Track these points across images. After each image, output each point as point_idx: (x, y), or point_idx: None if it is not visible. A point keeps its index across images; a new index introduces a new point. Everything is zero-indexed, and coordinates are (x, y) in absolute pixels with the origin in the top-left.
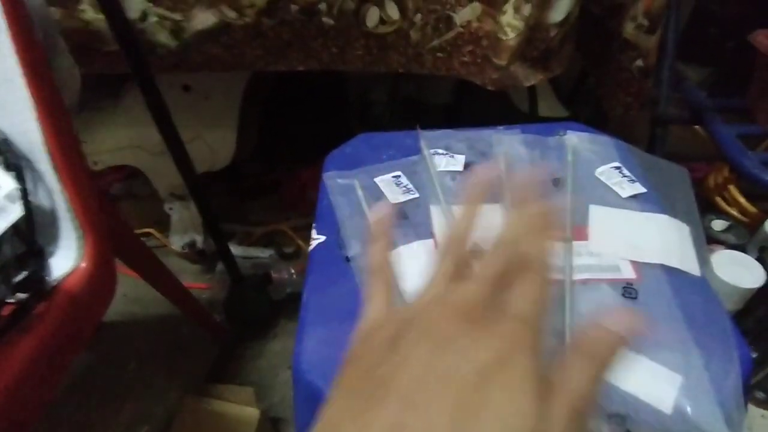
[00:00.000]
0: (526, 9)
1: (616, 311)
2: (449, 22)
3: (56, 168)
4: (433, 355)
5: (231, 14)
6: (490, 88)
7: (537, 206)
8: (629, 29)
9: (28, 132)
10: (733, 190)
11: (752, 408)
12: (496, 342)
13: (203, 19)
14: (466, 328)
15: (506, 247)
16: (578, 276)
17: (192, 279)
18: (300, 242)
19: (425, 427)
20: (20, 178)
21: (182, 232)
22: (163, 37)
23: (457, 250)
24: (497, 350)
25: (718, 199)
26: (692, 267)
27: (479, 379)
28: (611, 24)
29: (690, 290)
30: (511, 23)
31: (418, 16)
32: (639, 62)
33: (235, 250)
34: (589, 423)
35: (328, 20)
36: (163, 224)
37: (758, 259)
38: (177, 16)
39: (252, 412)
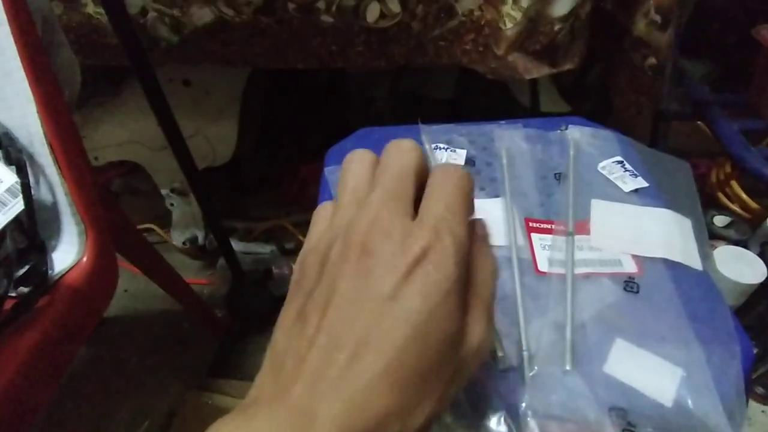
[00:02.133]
0: (525, 1)
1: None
2: (451, 11)
3: (57, 162)
4: (354, 279)
5: (228, 11)
6: (489, 77)
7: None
8: (641, 26)
9: (29, 126)
10: (735, 185)
11: (752, 404)
12: (414, 249)
13: (201, 15)
14: (381, 240)
15: (413, 179)
16: (580, 270)
17: (193, 274)
18: (301, 238)
19: (352, 358)
20: (22, 172)
21: (183, 227)
22: (165, 32)
23: (360, 166)
24: (411, 264)
25: (720, 195)
26: (694, 261)
27: (393, 302)
28: (623, 21)
29: (692, 284)
30: (509, 14)
31: (420, 7)
32: (651, 60)
33: (236, 245)
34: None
35: (327, 18)
36: (164, 220)
37: (760, 255)
38: (175, 12)
39: None
